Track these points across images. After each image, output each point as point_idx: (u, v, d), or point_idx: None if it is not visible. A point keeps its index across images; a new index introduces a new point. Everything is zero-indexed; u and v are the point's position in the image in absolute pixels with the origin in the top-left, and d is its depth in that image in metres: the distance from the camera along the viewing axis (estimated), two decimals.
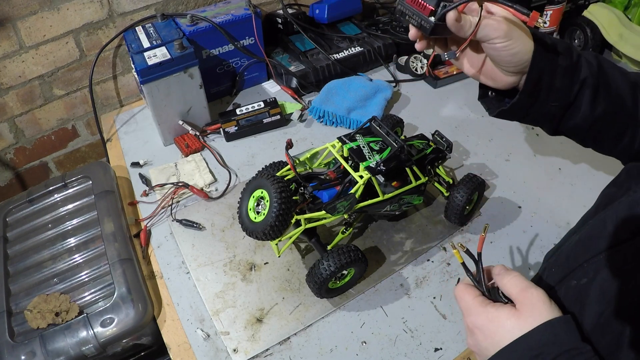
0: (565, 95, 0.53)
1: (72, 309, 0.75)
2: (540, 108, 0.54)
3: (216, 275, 0.81)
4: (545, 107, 0.54)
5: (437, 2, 0.51)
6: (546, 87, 0.53)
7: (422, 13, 0.53)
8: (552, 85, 0.53)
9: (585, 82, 0.53)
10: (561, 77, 0.52)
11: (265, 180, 0.70)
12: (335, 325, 0.74)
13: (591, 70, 0.53)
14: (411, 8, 0.54)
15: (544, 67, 0.52)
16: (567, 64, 0.53)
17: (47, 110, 1.16)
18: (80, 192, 0.92)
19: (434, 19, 0.52)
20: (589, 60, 0.54)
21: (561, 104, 0.54)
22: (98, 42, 1.12)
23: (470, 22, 0.50)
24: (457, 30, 0.51)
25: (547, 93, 0.53)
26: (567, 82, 0.53)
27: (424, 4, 0.52)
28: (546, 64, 0.52)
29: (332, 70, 1.22)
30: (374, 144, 0.77)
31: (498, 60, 0.53)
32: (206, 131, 1.09)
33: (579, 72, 0.53)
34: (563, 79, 0.52)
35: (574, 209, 0.90)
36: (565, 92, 0.53)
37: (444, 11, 0.51)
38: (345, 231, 0.79)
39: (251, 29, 1.14)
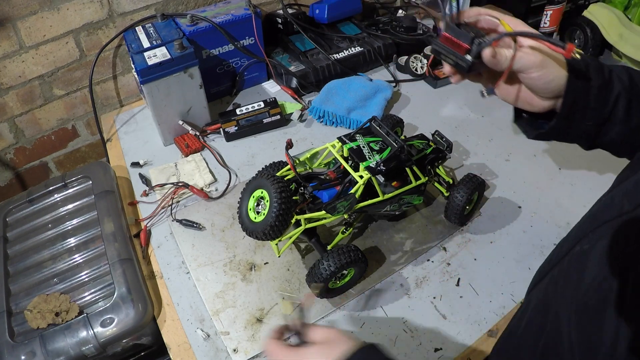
0: (600, 113, 0.55)
1: (72, 309, 0.75)
2: (577, 128, 0.57)
3: (216, 275, 0.81)
4: (582, 127, 0.57)
5: (471, 40, 0.52)
6: (581, 108, 0.55)
7: (458, 52, 0.54)
8: (587, 106, 0.55)
9: (618, 97, 0.55)
10: (595, 97, 0.55)
11: (265, 180, 0.70)
12: (335, 325, 0.74)
13: (623, 85, 0.55)
14: (446, 47, 0.55)
15: (578, 90, 0.54)
16: (600, 83, 0.55)
17: (47, 110, 1.16)
18: (80, 192, 0.92)
19: (470, 57, 0.53)
20: (620, 75, 0.56)
21: (597, 122, 0.56)
22: (98, 42, 1.12)
23: (505, 56, 0.52)
24: (493, 65, 0.53)
25: (582, 114, 0.55)
26: (601, 101, 0.55)
27: (458, 42, 0.53)
28: (580, 86, 0.54)
29: (332, 70, 1.22)
30: (374, 144, 0.77)
31: (534, 89, 0.55)
32: (206, 131, 1.09)
33: (612, 89, 0.55)
34: (597, 98, 0.55)
35: (574, 209, 0.90)
36: (600, 111, 0.55)
37: (480, 49, 0.52)
38: (345, 231, 0.79)
39: (251, 29, 1.14)
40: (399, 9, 1.43)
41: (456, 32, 0.54)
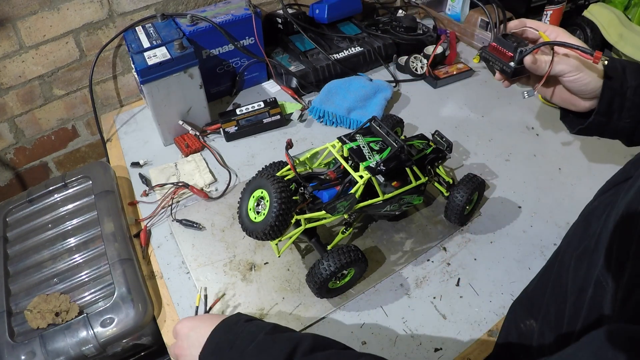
0: (637, 111, 0.60)
1: (72, 309, 0.75)
2: (615, 125, 0.61)
3: (216, 275, 0.81)
4: (620, 124, 0.61)
5: (514, 49, 0.61)
6: (618, 107, 0.60)
7: (503, 59, 0.63)
8: (624, 105, 0.60)
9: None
10: (632, 96, 0.59)
11: (265, 180, 0.70)
12: (335, 325, 0.74)
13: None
14: (493, 55, 0.65)
15: (614, 90, 0.59)
16: (636, 84, 0.59)
17: (47, 110, 1.16)
18: (80, 192, 0.92)
19: (513, 64, 0.62)
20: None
21: (634, 119, 0.60)
22: (98, 42, 1.12)
23: (544, 62, 0.60)
24: (534, 70, 0.61)
25: (619, 112, 0.60)
26: (637, 100, 0.59)
27: (504, 51, 0.63)
28: (617, 87, 0.59)
29: (332, 70, 1.22)
30: (374, 144, 0.77)
31: (574, 90, 0.62)
32: (206, 131, 1.09)
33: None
34: (634, 97, 0.59)
35: (574, 209, 0.90)
36: (637, 109, 0.59)
37: (522, 56, 0.61)
38: (345, 231, 0.79)
39: (251, 29, 1.14)
40: (399, 9, 1.43)
41: (502, 42, 0.63)
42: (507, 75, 0.63)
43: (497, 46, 0.64)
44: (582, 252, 0.48)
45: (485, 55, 0.66)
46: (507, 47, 0.62)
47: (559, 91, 0.66)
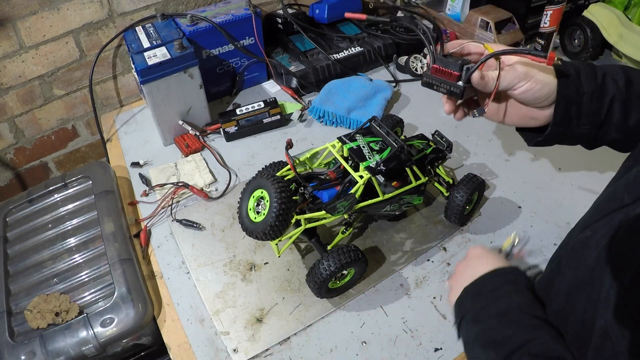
0: (595, 117, 0.56)
1: (72, 309, 0.75)
2: (574, 133, 0.58)
3: (216, 275, 0.81)
4: (578, 131, 0.57)
5: (460, 67, 0.56)
6: (575, 114, 0.56)
7: (449, 80, 0.57)
8: (581, 112, 0.56)
9: (613, 100, 0.55)
10: (588, 102, 0.55)
11: (265, 180, 0.70)
12: (335, 325, 0.74)
13: (618, 86, 0.55)
14: (437, 78, 0.58)
15: (569, 97, 0.55)
16: (592, 89, 0.55)
17: (47, 110, 1.16)
18: (80, 192, 0.92)
19: (462, 82, 0.56)
20: (615, 77, 0.56)
21: (593, 125, 0.56)
22: (98, 42, 1.12)
23: (492, 77, 0.55)
24: (482, 87, 0.55)
25: (577, 119, 0.56)
26: (595, 105, 0.55)
27: (448, 71, 0.57)
28: (571, 93, 0.55)
29: (332, 70, 1.22)
30: (374, 144, 0.77)
31: (528, 102, 0.56)
32: (206, 131, 1.09)
33: (606, 93, 0.55)
34: (590, 103, 0.55)
35: (574, 209, 0.90)
36: (595, 115, 0.56)
37: (469, 74, 0.55)
38: (345, 231, 0.79)
39: (251, 29, 1.14)
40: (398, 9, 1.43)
41: (444, 62, 0.57)
42: (457, 96, 0.57)
43: (440, 67, 0.57)
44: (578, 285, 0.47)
45: (428, 80, 0.59)
46: (452, 67, 0.56)
47: (512, 110, 0.60)
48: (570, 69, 0.55)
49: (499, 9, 1.32)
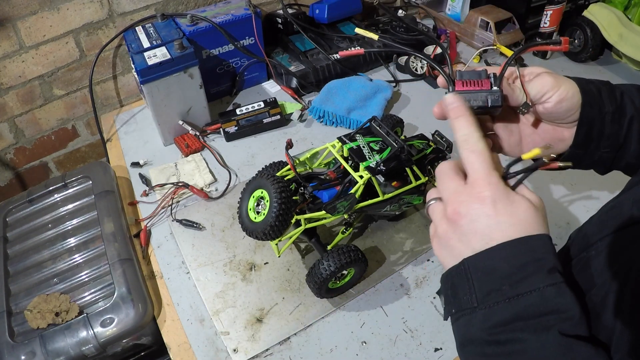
0: (615, 140, 0.52)
1: (72, 309, 0.75)
2: (592, 156, 0.54)
3: (216, 275, 0.81)
4: (597, 154, 0.54)
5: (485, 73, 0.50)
6: (597, 135, 0.52)
7: (484, 89, 0.49)
8: (602, 134, 0.52)
9: (632, 121, 0.52)
10: (610, 123, 0.51)
11: (265, 180, 0.70)
12: (335, 325, 0.74)
13: (635, 106, 0.52)
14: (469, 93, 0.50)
15: (593, 118, 0.51)
16: (614, 109, 0.51)
17: (47, 110, 1.16)
18: (80, 192, 0.92)
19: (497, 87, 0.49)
20: (632, 95, 0.53)
21: (612, 149, 0.53)
22: (98, 42, 1.12)
23: (518, 87, 0.50)
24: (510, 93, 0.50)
25: (597, 142, 0.53)
26: (615, 127, 0.52)
27: (479, 81, 0.50)
28: (595, 112, 0.51)
29: (332, 70, 1.22)
30: (374, 144, 0.77)
31: (561, 114, 0.51)
32: (206, 131, 1.09)
33: (625, 113, 0.52)
34: (612, 125, 0.51)
35: (574, 209, 0.90)
36: (615, 137, 0.52)
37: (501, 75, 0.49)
38: (345, 231, 0.79)
39: (251, 29, 1.14)
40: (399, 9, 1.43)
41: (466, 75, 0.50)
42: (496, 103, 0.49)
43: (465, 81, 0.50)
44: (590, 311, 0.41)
45: None
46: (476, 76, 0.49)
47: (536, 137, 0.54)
48: (593, 88, 0.52)
49: (499, 9, 1.32)
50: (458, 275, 0.41)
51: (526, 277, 0.38)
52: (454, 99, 0.48)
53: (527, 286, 0.37)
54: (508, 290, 0.38)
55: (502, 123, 0.55)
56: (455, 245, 0.41)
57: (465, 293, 0.40)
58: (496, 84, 0.49)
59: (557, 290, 0.37)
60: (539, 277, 0.37)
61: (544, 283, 0.37)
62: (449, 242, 0.42)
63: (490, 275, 0.39)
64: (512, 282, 0.38)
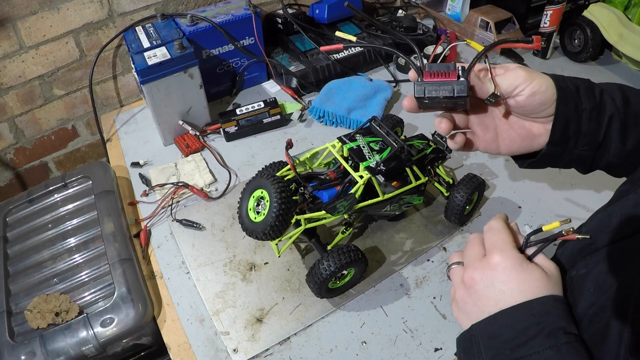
0: (593, 138, 0.52)
1: (72, 309, 0.75)
2: (570, 154, 0.53)
3: (216, 275, 0.81)
4: (575, 153, 0.53)
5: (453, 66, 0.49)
6: (574, 134, 0.52)
7: (451, 80, 0.49)
8: (580, 131, 0.51)
9: (612, 119, 0.51)
10: (587, 121, 0.51)
11: (265, 180, 0.70)
12: (335, 325, 0.74)
13: (616, 105, 0.51)
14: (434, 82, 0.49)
15: (569, 115, 0.50)
16: (592, 106, 0.51)
17: (47, 110, 1.16)
18: (80, 192, 0.92)
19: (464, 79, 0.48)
20: (612, 94, 0.52)
21: (591, 147, 0.52)
22: (98, 42, 1.12)
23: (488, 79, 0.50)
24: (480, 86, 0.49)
25: (575, 140, 0.52)
26: (594, 124, 0.51)
27: (447, 72, 0.49)
28: (570, 109, 0.50)
29: (332, 70, 1.22)
30: (374, 144, 0.77)
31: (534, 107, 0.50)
32: (206, 131, 1.09)
33: (605, 111, 0.51)
34: (590, 122, 0.51)
35: (574, 209, 0.90)
36: (593, 135, 0.52)
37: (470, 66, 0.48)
38: (345, 231, 0.79)
39: (251, 29, 1.14)
40: (399, 9, 1.43)
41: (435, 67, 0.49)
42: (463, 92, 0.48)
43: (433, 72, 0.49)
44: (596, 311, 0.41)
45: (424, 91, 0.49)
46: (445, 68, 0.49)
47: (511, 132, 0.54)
48: (569, 83, 0.52)
49: (499, 9, 1.32)
50: (467, 339, 0.44)
51: (527, 342, 0.39)
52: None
53: (527, 350, 0.39)
54: (510, 354, 0.40)
55: (477, 119, 0.54)
56: (471, 309, 0.44)
57: (475, 357, 0.42)
58: (464, 75, 0.49)
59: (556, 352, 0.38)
60: (538, 341, 0.39)
61: (543, 346, 0.39)
62: (465, 307, 0.45)
63: (494, 340, 0.41)
64: (514, 346, 0.40)
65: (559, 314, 0.40)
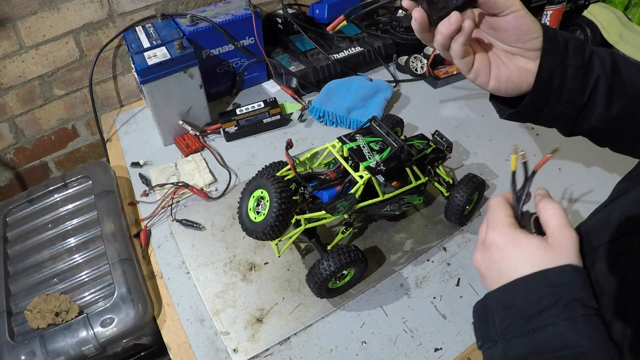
0: (577, 96, 0.51)
1: (72, 309, 0.75)
2: (553, 110, 0.52)
3: (216, 275, 0.81)
4: (558, 109, 0.52)
5: None
6: (557, 88, 0.51)
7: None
8: (564, 86, 0.51)
9: (598, 81, 0.51)
10: (573, 77, 0.50)
11: (265, 180, 0.70)
12: (335, 325, 0.74)
13: (604, 68, 0.51)
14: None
15: (554, 67, 0.50)
16: (578, 63, 0.50)
17: (47, 110, 1.16)
18: (80, 192, 0.92)
19: None
20: (602, 57, 0.52)
21: (574, 105, 0.52)
22: (98, 42, 1.12)
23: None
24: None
25: (558, 94, 0.51)
26: (579, 82, 0.50)
27: None
28: (557, 63, 0.50)
29: (332, 70, 1.22)
30: (374, 144, 0.77)
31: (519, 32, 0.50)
32: (206, 131, 1.09)
33: (592, 71, 0.51)
34: (575, 79, 0.50)
35: (574, 209, 0.90)
36: (577, 93, 0.51)
37: None
38: (345, 231, 0.79)
39: (251, 29, 1.14)
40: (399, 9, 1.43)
41: None
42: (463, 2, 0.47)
43: None
44: None
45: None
46: None
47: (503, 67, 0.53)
48: (560, 37, 0.51)
49: None
50: (482, 308, 0.44)
51: (541, 312, 0.38)
52: None
53: (541, 321, 0.38)
54: (524, 324, 0.39)
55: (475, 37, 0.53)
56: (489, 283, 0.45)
57: (489, 326, 0.42)
58: None
59: (571, 324, 0.37)
60: (554, 312, 0.38)
61: (559, 318, 0.37)
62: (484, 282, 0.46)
63: (507, 309, 0.40)
64: (528, 316, 0.39)
65: (577, 284, 0.39)
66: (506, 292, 0.41)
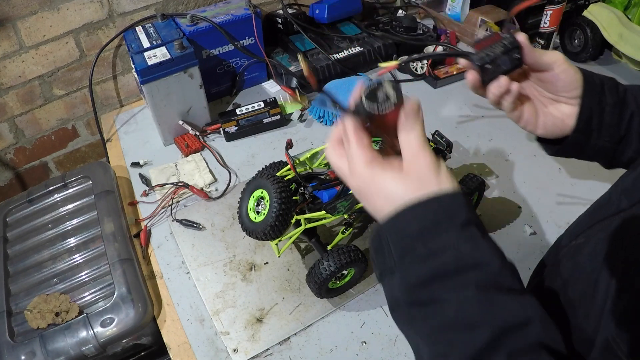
0: (615, 131, 0.56)
1: (72, 309, 0.75)
2: (594, 144, 0.57)
3: (216, 275, 0.81)
4: (599, 144, 0.57)
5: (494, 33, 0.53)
6: (597, 125, 0.56)
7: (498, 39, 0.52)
8: (602, 122, 0.55)
9: (632, 116, 0.55)
10: (610, 114, 0.55)
11: (265, 180, 0.70)
12: (335, 325, 0.74)
13: (637, 103, 0.56)
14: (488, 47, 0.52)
15: (593, 107, 0.55)
16: (614, 101, 0.55)
17: (47, 110, 1.16)
18: (80, 192, 0.92)
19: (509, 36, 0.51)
20: (635, 94, 0.56)
21: (612, 139, 0.56)
22: (98, 42, 1.12)
23: None
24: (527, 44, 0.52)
25: (598, 130, 0.56)
26: (615, 118, 0.55)
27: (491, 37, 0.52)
28: (595, 103, 0.55)
29: (332, 70, 1.22)
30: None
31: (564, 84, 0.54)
32: (206, 131, 1.09)
33: (627, 107, 0.56)
34: (612, 116, 0.55)
35: (574, 209, 0.90)
36: (615, 128, 0.56)
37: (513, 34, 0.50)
38: (345, 231, 0.79)
39: (251, 29, 1.14)
40: (399, 9, 1.43)
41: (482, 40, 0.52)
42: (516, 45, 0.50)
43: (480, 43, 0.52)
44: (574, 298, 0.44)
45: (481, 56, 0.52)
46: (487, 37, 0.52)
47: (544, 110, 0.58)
48: (597, 79, 0.56)
49: (499, 9, 1.32)
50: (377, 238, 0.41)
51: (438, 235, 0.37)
52: None
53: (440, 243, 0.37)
54: (421, 249, 0.37)
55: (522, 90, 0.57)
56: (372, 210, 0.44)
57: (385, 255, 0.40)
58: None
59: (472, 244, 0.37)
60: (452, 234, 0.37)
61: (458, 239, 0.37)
62: None
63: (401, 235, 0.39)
64: (425, 241, 0.37)
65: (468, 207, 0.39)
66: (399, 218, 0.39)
